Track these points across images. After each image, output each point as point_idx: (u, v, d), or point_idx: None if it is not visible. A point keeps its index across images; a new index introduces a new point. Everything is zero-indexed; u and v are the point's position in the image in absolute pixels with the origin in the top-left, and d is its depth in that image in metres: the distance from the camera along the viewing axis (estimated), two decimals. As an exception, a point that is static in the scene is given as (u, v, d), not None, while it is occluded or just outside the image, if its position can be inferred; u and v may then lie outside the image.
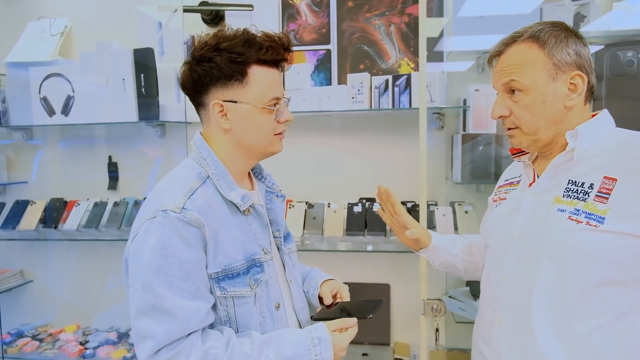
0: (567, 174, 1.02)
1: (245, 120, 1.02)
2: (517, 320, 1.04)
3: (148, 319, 0.91)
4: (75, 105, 2.16)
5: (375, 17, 2.11)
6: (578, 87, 0.99)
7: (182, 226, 0.92)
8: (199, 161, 1.04)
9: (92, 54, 2.11)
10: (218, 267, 0.97)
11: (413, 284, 2.13)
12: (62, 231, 2.27)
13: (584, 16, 1.92)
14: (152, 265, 0.91)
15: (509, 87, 1.04)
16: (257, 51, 0.99)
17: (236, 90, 1.00)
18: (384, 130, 2.18)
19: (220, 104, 1.01)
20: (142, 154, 2.35)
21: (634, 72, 1.88)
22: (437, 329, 1.99)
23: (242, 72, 0.99)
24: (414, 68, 2.09)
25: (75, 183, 2.39)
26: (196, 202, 0.95)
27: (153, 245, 0.91)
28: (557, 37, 1.00)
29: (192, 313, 0.92)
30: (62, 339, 2.31)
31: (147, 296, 0.91)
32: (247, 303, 1.00)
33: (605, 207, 0.94)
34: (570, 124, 1.02)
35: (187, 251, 0.93)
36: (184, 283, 0.92)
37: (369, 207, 2.14)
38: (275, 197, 1.19)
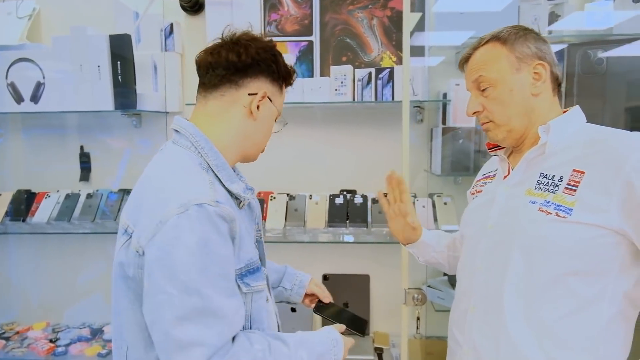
0: (539, 167, 1.07)
1: (268, 118, 1.09)
2: (490, 308, 1.08)
3: (193, 325, 0.83)
4: (45, 92, 2.06)
5: (358, 10, 2.12)
6: (541, 75, 1.07)
7: (219, 221, 0.88)
8: (193, 150, 0.98)
9: (65, 38, 2.01)
10: (242, 263, 0.96)
11: (392, 274, 2.18)
12: (31, 224, 2.16)
13: (558, 15, 2.00)
14: (196, 264, 0.83)
15: (478, 84, 1.11)
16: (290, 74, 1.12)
17: (276, 91, 1.09)
18: (366, 123, 2.20)
19: (265, 94, 1.05)
20: (116, 144, 2.27)
21: (603, 70, 1.98)
22: (418, 317, 2.04)
23: (286, 80, 1.11)
24: (396, 61, 2.12)
25: (44, 174, 2.28)
26: (221, 195, 0.92)
27: (194, 242, 0.84)
28: (517, 34, 1.09)
29: (237, 310, 0.90)
30: (30, 336, 2.21)
31: (193, 300, 0.83)
32: (262, 298, 1.01)
33: (573, 198, 0.98)
34: (541, 117, 1.08)
35: (225, 247, 0.89)
36: (224, 281, 0.88)
37: (351, 198, 2.15)
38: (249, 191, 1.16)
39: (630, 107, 1.98)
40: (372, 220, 2.11)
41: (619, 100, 1.99)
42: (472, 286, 1.14)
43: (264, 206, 2.14)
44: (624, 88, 1.99)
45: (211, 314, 0.84)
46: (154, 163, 1.01)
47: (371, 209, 2.13)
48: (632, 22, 1.95)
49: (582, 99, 2.01)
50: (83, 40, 2.00)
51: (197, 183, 0.91)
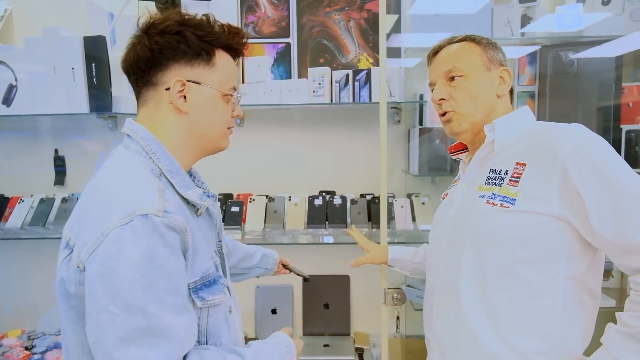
0: (489, 164, 1.12)
1: (206, 105, 0.94)
2: (449, 302, 1.12)
3: (136, 347, 0.75)
4: (18, 95, 2.02)
5: (335, 12, 2.13)
6: (506, 80, 1.15)
7: (167, 232, 0.80)
8: (144, 154, 0.90)
9: (37, 40, 1.98)
10: (196, 276, 0.87)
11: (371, 275, 2.18)
12: (4, 230, 2.12)
13: (530, 17, 2.05)
14: (140, 280, 0.75)
15: (449, 74, 1.14)
16: (225, 35, 0.94)
17: (201, 70, 0.92)
18: (344, 124, 2.21)
19: (183, 82, 0.91)
20: (92, 148, 2.24)
21: (574, 71, 2.03)
22: (398, 317, 2.05)
23: (209, 52, 0.92)
24: (373, 63, 2.14)
25: (17, 178, 2.23)
26: (172, 203, 0.84)
27: (138, 256, 0.76)
28: (488, 41, 1.17)
29: (187, 328, 0.81)
30: (5, 344, 2.16)
31: (137, 319, 0.75)
32: (219, 312, 0.93)
33: (516, 189, 1.02)
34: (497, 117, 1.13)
35: (174, 260, 0.81)
36: (173, 297, 0.79)
37: (330, 200, 2.16)
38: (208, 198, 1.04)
39: (601, 106, 2.03)
40: (351, 220, 2.12)
41: (590, 100, 2.05)
42: (435, 283, 1.18)
43: (243, 208, 2.14)
44: (594, 88, 2.05)
45: (158, 334, 0.76)
46: (102, 170, 0.92)
47: (350, 210, 2.14)
48: (601, 24, 2.00)
49: (554, 99, 2.06)
50: (56, 41, 1.97)
51: (145, 191, 0.83)
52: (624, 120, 2.01)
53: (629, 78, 2.06)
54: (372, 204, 2.14)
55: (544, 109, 2.08)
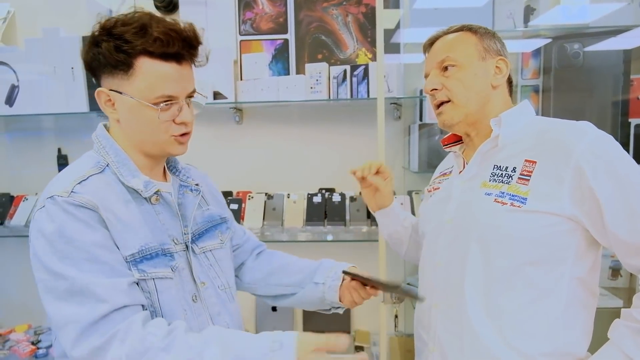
0: (493, 160, 1.09)
1: (130, 114, 0.95)
2: (452, 304, 1.08)
3: (64, 304, 0.85)
4: (20, 95, 2.06)
5: (332, 7, 2.10)
6: (502, 70, 1.12)
7: (74, 209, 0.88)
8: (98, 150, 0.99)
9: (37, 41, 2.01)
10: (134, 248, 0.92)
11: (371, 272, 2.14)
12: (9, 227, 2.17)
13: (534, 9, 1.99)
14: (54, 254, 0.86)
15: (442, 64, 1.12)
16: (145, 41, 0.90)
17: (121, 80, 0.93)
18: (343, 120, 2.19)
19: (105, 92, 0.95)
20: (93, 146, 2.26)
21: (579, 63, 1.96)
22: (397, 315, 2.04)
23: (127, 63, 0.91)
24: (372, 58, 2.11)
25: (22, 177, 2.28)
26: (88, 187, 0.91)
27: (49, 233, 0.86)
28: (486, 30, 1.14)
29: (112, 286, 0.86)
30: (12, 339, 2.21)
31: (58, 283, 0.85)
32: (170, 287, 0.95)
33: (526, 188, 0.99)
34: (494, 111, 1.11)
35: (87, 232, 0.88)
36: (94, 264, 0.87)
37: (329, 197, 2.14)
38: (189, 192, 1.10)
39: (608, 100, 1.96)
40: (350, 218, 2.10)
41: (597, 94, 1.98)
42: (434, 283, 1.14)
43: (242, 206, 2.14)
44: (602, 81, 1.98)
45: (79, 292, 0.84)
46: None
47: (349, 207, 2.12)
48: (609, 15, 1.93)
49: (560, 93, 1.99)
50: (56, 42, 2.00)
51: (64, 179, 0.93)
52: (633, 114, 1.94)
53: (639, 71, 1.98)
54: (372, 201, 2.11)
55: (549, 103, 2.02)
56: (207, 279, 1.07)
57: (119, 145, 0.98)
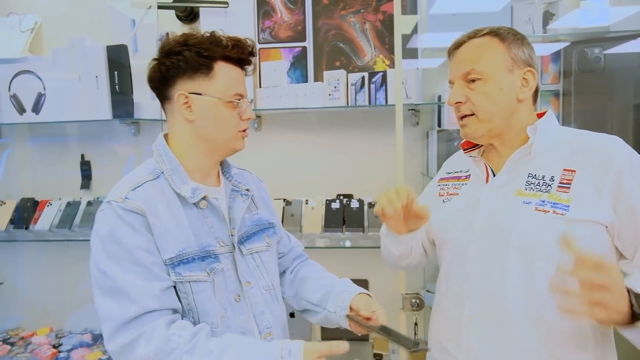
0: (526, 168, 1.08)
1: (209, 112, 1.06)
2: (491, 314, 1.06)
3: (106, 300, 0.96)
4: (46, 103, 2.11)
5: (350, 15, 2.13)
6: (529, 82, 1.09)
7: (125, 214, 0.99)
8: (156, 159, 1.10)
9: (63, 50, 2.07)
10: (172, 253, 1.01)
11: (390, 279, 2.15)
12: (34, 232, 2.21)
13: (553, 14, 1.98)
14: (104, 252, 0.98)
15: (468, 76, 1.09)
16: (223, 48, 1.05)
17: (202, 83, 1.05)
18: (361, 127, 2.19)
19: (185, 94, 1.05)
20: (115, 152, 2.31)
21: (600, 68, 1.94)
22: (416, 323, 2.01)
23: (208, 66, 1.04)
24: (389, 65, 2.12)
25: (46, 182, 2.33)
26: (140, 193, 1.02)
27: (103, 234, 0.99)
28: (515, 36, 1.10)
29: (145, 291, 0.95)
30: (34, 342, 2.25)
31: (104, 280, 0.97)
32: (205, 290, 1.03)
33: (568, 195, 1.00)
34: (521, 121, 1.10)
35: (134, 236, 0.98)
36: (135, 266, 0.97)
37: (347, 203, 2.15)
38: (239, 196, 1.18)
39: (631, 104, 1.94)
40: (368, 224, 2.10)
41: (619, 98, 1.96)
42: (464, 293, 1.11)
43: (261, 211, 2.15)
44: (623, 85, 1.96)
45: (118, 291, 0.95)
46: None
47: (367, 213, 2.12)
48: (629, 19, 1.91)
49: (580, 97, 1.98)
50: (81, 51, 2.05)
51: (123, 186, 1.04)
52: (656, 118, 1.91)
53: (662, 74, 1.95)
54: (390, 207, 2.11)
55: (570, 107, 2.00)
56: (253, 279, 1.14)
57: (173, 154, 1.09)
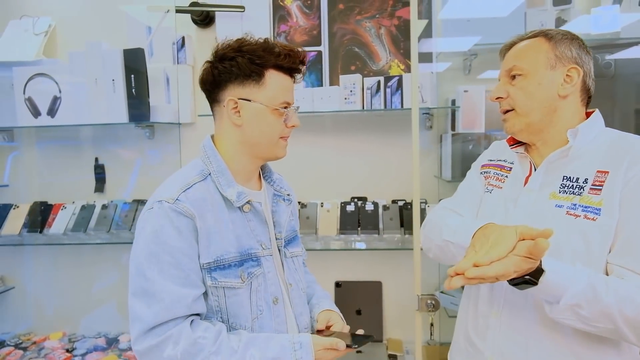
0: (561, 171, 1.07)
1: (256, 118, 1.08)
2: (517, 314, 1.07)
3: (138, 301, 0.98)
4: (62, 106, 2.11)
5: (365, 20, 2.15)
6: (573, 79, 1.07)
7: (175, 216, 1.00)
8: (203, 160, 1.12)
9: (80, 53, 2.07)
10: (210, 258, 1.03)
11: (404, 280, 2.18)
12: (48, 235, 2.21)
13: (565, 20, 2.02)
14: (145, 250, 0.99)
15: (510, 72, 1.12)
16: (275, 57, 1.06)
17: (252, 89, 1.07)
18: (376, 131, 2.22)
19: (235, 100, 1.08)
20: (129, 156, 2.31)
21: (611, 74, 1.98)
22: (432, 323, 2.03)
23: (259, 73, 1.06)
24: (404, 69, 2.14)
25: (60, 186, 2.33)
26: (190, 195, 1.03)
27: (148, 232, 1.00)
28: (564, 36, 1.10)
29: (179, 299, 0.98)
30: (47, 346, 2.24)
31: (140, 279, 0.98)
32: (237, 294, 1.05)
33: (599, 198, 0.99)
34: (563, 120, 1.09)
35: (178, 239, 1.00)
36: (174, 269, 0.98)
37: (362, 205, 2.17)
38: (282, 201, 1.22)
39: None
40: (383, 226, 2.12)
41: (629, 103, 2.00)
42: (494, 292, 1.12)
43: (276, 214, 2.16)
44: (633, 90, 2.00)
45: (151, 295, 0.97)
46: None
47: (382, 216, 2.14)
48: (639, 25, 1.95)
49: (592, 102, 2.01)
50: (98, 54, 2.05)
51: (173, 186, 1.05)
52: (667, 122, 1.96)
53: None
54: (404, 210, 2.14)
55: (580, 112, 2.04)
56: (294, 281, 1.19)
57: (220, 157, 1.11)
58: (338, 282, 2.25)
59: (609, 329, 0.93)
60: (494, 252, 0.89)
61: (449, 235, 1.16)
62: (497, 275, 0.87)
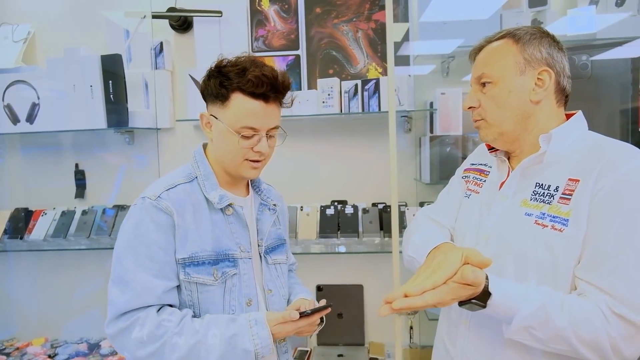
0: (535, 177, 1.04)
1: (219, 136, 1.15)
2: (484, 323, 1.05)
3: (114, 287, 1.07)
4: (40, 113, 2.12)
5: (342, 23, 2.15)
6: (545, 82, 1.02)
7: (154, 211, 1.09)
8: (192, 165, 1.20)
9: (59, 60, 2.07)
10: (185, 254, 1.10)
11: (385, 284, 2.18)
12: (28, 242, 2.21)
13: (541, 22, 2.02)
14: (125, 241, 1.08)
15: (480, 79, 1.08)
16: (240, 81, 1.08)
17: (218, 108, 1.13)
18: (355, 134, 2.22)
19: (207, 115, 1.16)
20: (110, 161, 2.32)
21: (588, 74, 1.98)
22: (412, 327, 2.03)
23: (224, 95, 1.10)
24: (382, 72, 2.15)
25: (40, 192, 2.33)
26: (173, 194, 1.12)
27: (130, 225, 1.09)
28: (532, 35, 1.04)
29: (150, 288, 1.06)
30: (29, 352, 2.24)
31: (117, 268, 1.08)
32: (209, 291, 1.12)
33: (568, 208, 0.95)
34: (540, 124, 1.04)
35: (156, 233, 1.08)
36: (148, 261, 1.07)
37: (341, 209, 2.17)
38: (267, 210, 1.28)
39: (618, 109, 1.98)
40: (363, 230, 2.12)
41: (606, 104, 2.00)
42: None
43: (256, 218, 2.17)
44: (610, 91, 2.00)
45: (125, 282, 1.06)
46: None
47: (362, 219, 2.14)
48: (616, 26, 1.95)
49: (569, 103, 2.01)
50: (76, 61, 2.05)
51: (159, 185, 1.14)
52: (643, 122, 1.96)
53: (647, 79, 2.00)
54: (384, 213, 2.13)
55: (558, 113, 2.04)
56: (275, 287, 1.24)
57: (208, 162, 1.19)
58: (319, 285, 2.25)
59: (566, 349, 0.91)
60: (430, 279, 0.87)
61: (413, 251, 1.16)
62: (427, 305, 0.86)
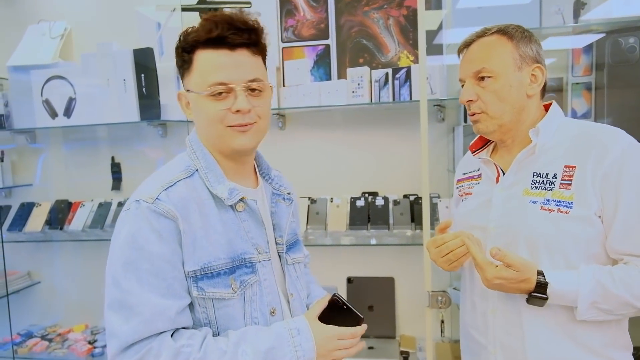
0: (531, 167, 1.11)
1: (195, 110, 0.95)
2: (510, 309, 1.11)
3: (115, 315, 0.85)
4: (77, 107, 2.18)
5: (373, 11, 2.10)
6: (538, 78, 1.12)
7: (154, 217, 0.87)
8: (190, 155, 0.99)
9: (92, 55, 2.12)
10: (196, 265, 0.90)
11: (417, 276, 2.13)
12: (68, 232, 2.29)
13: (584, 3, 1.91)
14: (122, 258, 0.86)
15: (478, 74, 1.12)
16: (195, 35, 0.91)
17: (188, 78, 0.95)
18: (385, 124, 2.18)
19: (182, 93, 0.98)
20: (144, 154, 2.36)
21: (635, 58, 1.87)
22: (442, 320, 1.99)
23: (188, 60, 0.93)
24: (414, 61, 2.09)
25: (79, 184, 2.41)
26: (173, 194, 0.90)
27: (124, 237, 0.87)
28: (523, 34, 1.12)
29: (160, 312, 0.85)
30: (70, 338, 2.34)
31: (116, 290, 0.85)
32: (228, 306, 0.93)
33: (570, 192, 1.04)
34: (528, 118, 1.13)
35: (158, 244, 0.87)
36: (154, 278, 0.86)
37: (372, 201, 2.14)
38: (282, 200, 1.08)
39: (668, 96, 1.85)
40: (393, 222, 2.09)
41: (655, 89, 1.87)
42: (486, 290, 1.13)
43: (286, 210, 2.16)
44: (660, 76, 1.87)
45: (128, 307, 0.84)
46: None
47: (392, 211, 2.11)
48: (666, 6, 1.82)
49: (614, 89, 1.90)
50: (109, 55, 2.10)
51: (154, 183, 0.93)
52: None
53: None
54: (415, 205, 2.09)
55: (602, 100, 1.93)
56: (295, 291, 1.06)
57: (207, 150, 0.98)
58: (350, 278, 2.23)
59: (633, 311, 1.01)
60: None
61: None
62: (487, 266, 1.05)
